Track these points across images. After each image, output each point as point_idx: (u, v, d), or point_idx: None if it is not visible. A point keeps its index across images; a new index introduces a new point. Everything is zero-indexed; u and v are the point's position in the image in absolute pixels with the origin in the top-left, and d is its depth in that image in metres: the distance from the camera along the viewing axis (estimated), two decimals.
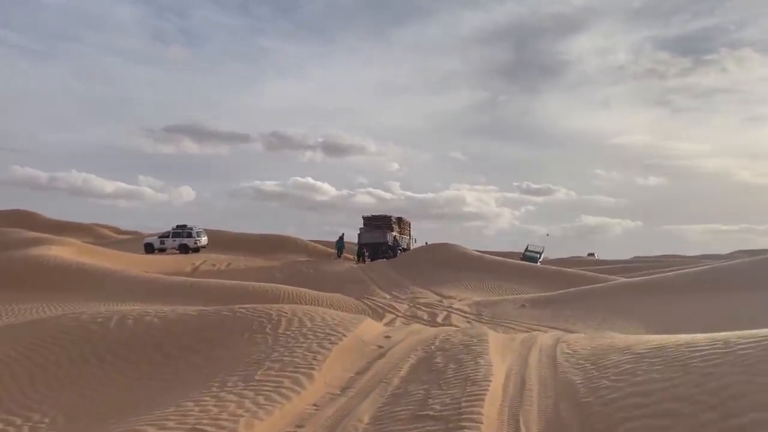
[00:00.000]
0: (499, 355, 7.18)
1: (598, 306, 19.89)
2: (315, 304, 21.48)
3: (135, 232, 70.65)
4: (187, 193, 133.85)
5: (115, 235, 70.41)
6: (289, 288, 22.86)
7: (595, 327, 16.27)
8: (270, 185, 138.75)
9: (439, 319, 19.38)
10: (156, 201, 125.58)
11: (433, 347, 7.85)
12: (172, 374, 7.48)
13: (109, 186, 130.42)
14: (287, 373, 6.43)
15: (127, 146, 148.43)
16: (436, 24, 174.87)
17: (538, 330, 16.55)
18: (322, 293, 23.11)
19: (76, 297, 20.83)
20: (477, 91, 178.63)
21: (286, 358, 7.00)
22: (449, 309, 21.90)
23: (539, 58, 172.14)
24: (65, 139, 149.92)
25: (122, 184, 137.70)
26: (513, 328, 17.24)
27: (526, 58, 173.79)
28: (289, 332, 8.54)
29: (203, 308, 9.79)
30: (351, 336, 8.23)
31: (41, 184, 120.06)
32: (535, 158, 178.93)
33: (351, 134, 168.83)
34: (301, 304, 21.43)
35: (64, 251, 29.97)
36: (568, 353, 6.86)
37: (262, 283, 23.42)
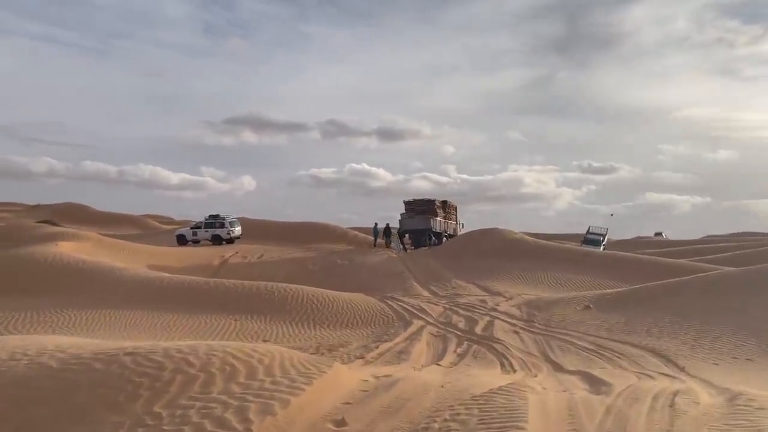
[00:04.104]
0: None
1: (686, 308, 15.25)
2: (329, 308, 17.85)
3: (186, 222, 69.77)
4: (248, 182, 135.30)
5: (161, 225, 69.48)
6: (301, 288, 19.26)
7: (691, 345, 11.81)
8: (327, 173, 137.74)
9: (479, 329, 15.31)
10: (219, 191, 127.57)
11: None
12: None
13: (175, 177, 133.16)
14: None
15: (189, 139, 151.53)
16: (482, 0, 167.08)
17: (608, 348, 12.28)
18: (340, 294, 19.40)
19: (57, 302, 17.98)
20: (530, 68, 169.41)
21: None
22: (493, 312, 17.76)
23: (593, 30, 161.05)
24: (130, 134, 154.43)
25: (186, 176, 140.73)
26: (574, 344, 13.00)
27: (579, 31, 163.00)
28: (164, 412, 4.81)
29: (77, 354, 6.19)
30: (266, 428, 4.40)
31: (112, 177, 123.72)
32: (595, 136, 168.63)
33: (405, 119, 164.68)
34: (312, 307, 17.90)
35: (74, 247, 27.57)
36: None
37: (271, 283, 19.90)
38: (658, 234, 72.90)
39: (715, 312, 14.13)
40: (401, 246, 37.44)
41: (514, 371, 9.59)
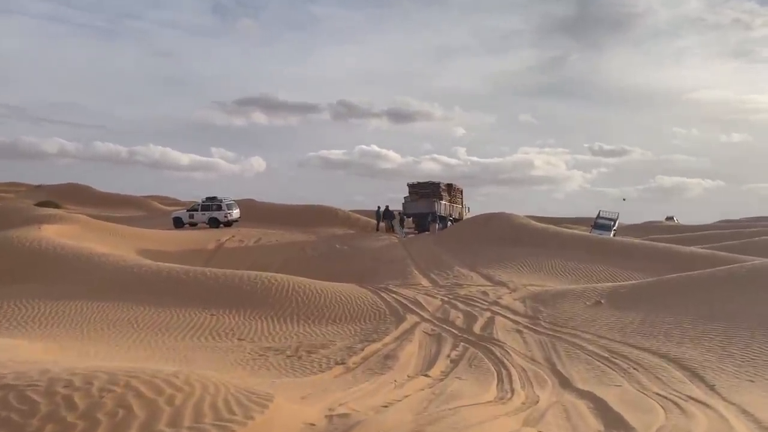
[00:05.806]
0: None
1: (711, 306, 13.66)
2: (316, 301, 16.44)
3: (192, 204, 68.92)
4: (258, 163, 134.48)
5: (164, 207, 68.38)
6: (287, 278, 17.84)
7: (719, 354, 10.28)
8: (336, 154, 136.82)
9: (477, 327, 13.87)
10: (229, 172, 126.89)
11: None
12: None
13: (185, 158, 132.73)
14: None
15: (199, 120, 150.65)
16: None
17: (623, 355, 10.79)
18: (330, 284, 17.98)
19: (28, 291, 16.74)
20: (541, 49, 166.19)
21: None
22: (495, 306, 16.30)
23: (605, 11, 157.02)
24: (140, 115, 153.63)
25: (196, 156, 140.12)
26: (583, 349, 11.52)
27: (590, 12, 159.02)
28: None
29: None
30: None
31: (122, 158, 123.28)
32: (606, 118, 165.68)
33: (416, 100, 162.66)
34: (297, 300, 16.51)
35: (59, 231, 26.26)
36: None
37: (254, 272, 18.47)
38: (670, 218, 70.92)
39: (744, 312, 12.55)
40: (403, 231, 36.02)
41: (513, 391, 8.12)
